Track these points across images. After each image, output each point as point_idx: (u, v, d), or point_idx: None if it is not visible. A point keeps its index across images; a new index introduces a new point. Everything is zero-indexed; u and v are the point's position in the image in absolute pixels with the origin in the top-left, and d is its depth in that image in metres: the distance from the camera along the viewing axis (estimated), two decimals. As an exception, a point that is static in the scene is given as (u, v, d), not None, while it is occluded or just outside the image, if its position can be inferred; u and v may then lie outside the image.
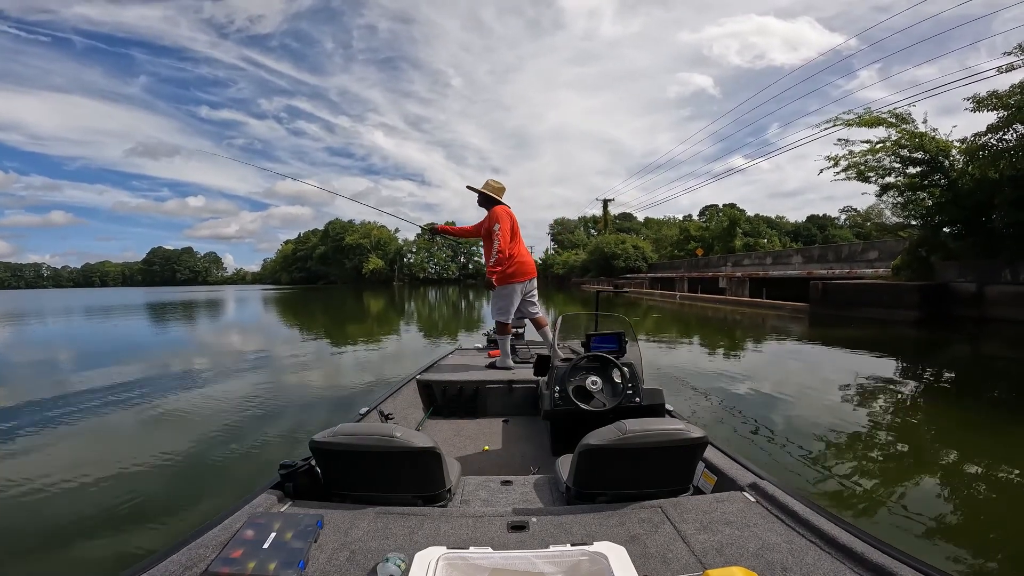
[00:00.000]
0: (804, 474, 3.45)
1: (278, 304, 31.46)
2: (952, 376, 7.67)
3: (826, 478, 3.36)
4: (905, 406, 5.63)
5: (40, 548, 2.74)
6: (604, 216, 65.19)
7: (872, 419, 4.99)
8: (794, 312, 18.26)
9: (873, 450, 4.10)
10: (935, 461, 3.92)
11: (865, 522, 2.64)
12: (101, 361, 9.66)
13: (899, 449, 4.22)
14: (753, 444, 4.15)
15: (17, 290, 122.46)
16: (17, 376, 8.48)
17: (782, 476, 3.14)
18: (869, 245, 22.28)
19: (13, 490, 3.48)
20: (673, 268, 41.25)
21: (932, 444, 4.43)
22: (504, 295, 4.29)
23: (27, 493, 3.44)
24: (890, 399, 5.91)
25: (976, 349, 10.76)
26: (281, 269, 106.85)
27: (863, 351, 9.50)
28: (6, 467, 3.97)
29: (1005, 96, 12.98)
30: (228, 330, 16.60)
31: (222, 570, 1.26)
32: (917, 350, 10.48)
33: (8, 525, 3.01)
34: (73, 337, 14.73)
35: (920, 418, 5.23)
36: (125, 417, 5.41)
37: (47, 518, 3.09)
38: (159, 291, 74.95)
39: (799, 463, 3.67)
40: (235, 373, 7.99)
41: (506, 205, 4.35)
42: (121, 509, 3.14)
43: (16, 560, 2.66)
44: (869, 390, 6.32)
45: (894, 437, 4.53)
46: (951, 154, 15.02)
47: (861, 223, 41.36)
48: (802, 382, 6.98)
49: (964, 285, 13.70)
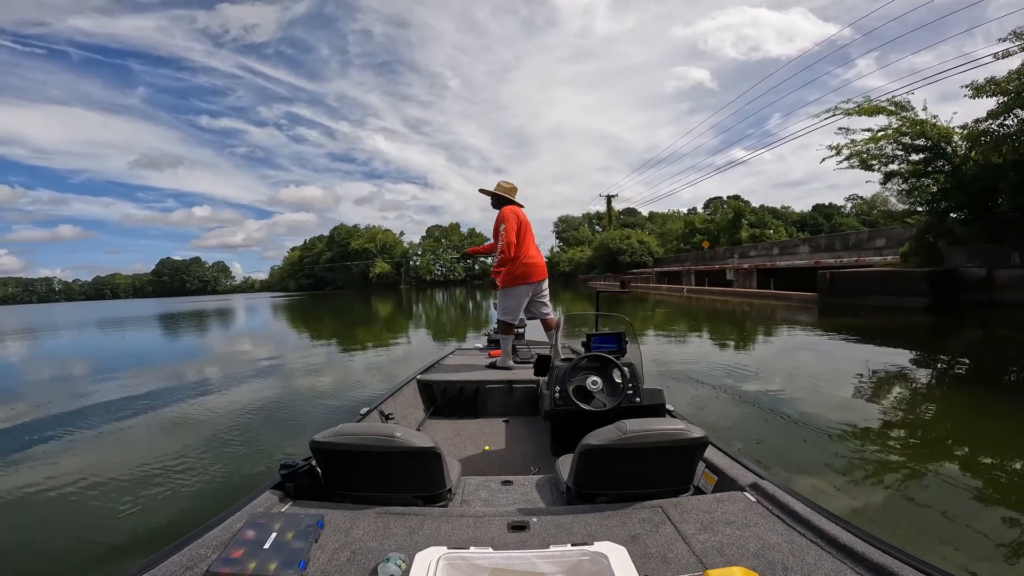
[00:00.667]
0: (807, 472, 3.37)
1: (287, 311, 31.66)
2: (965, 363, 7.54)
3: (828, 476, 3.28)
4: (915, 397, 5.53)
5: (41, 548, 2.80)
6: (608, 212, 64.99)
7: (881, 412, 4.88)
8: (802, 302, 18.16)
9: (879, 445, 3.97)
10: (944, 455, 3.78)
11: (867, 522, 2.61)
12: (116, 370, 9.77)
13: (907, 444, 4.09)
14: (758, 442, 4.07)
15: (30, 304, 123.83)
16: (36, 385, 8.62)
17: (784, 475, 3.13)
18: (876, 233, 22.10)
19: (15, 492, 3.57)
20: (679, 262, 41.09)
21: (942, 437, 4.29)
22: (511, 295, 4.25)
23: (28, 494, 3.53)
24: (900, 390, 5.82)
25: (988, 334, 10.64)
26: (289, 276, 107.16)
27: (873, 340, 9.41)
28: (13, 470, 4.08)
29: (1003, 82, 13.01)
30: (239, 338, 16.69)
31: (223, 570, 1.26)
32: (928, 337, 10.37)
33: (12, 525, 3.09)
34: (90, 348, 14.88)
35: (931, 409, 5.11)
36: (135, 422, 5.49)
37: (49, 519, 3.15)
38: (170, 302, 75.56)
39: (803, 460, 3.59)
40: (244, 378, 8.04)
41: (517, 205, 4.32)
42: (123, 509, 3.19)
43: (15, 561, 2.71)
44: (878, 381, 6.24)
45: (903, 432, 4.38)
46: (953, 140, 14.98)
47: (867, 211, 41.10)
48: (811, 373, 6.90)
49: (973, 270, 13.56)
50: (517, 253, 4.18)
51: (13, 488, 3.64)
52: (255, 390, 6.96)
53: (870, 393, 5.71)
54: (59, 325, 26.81)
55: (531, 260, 4.24)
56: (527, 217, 4.36)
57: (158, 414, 5.76)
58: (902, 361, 7.56)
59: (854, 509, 2.83)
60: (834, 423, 4.39)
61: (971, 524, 2.61)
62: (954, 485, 3.11)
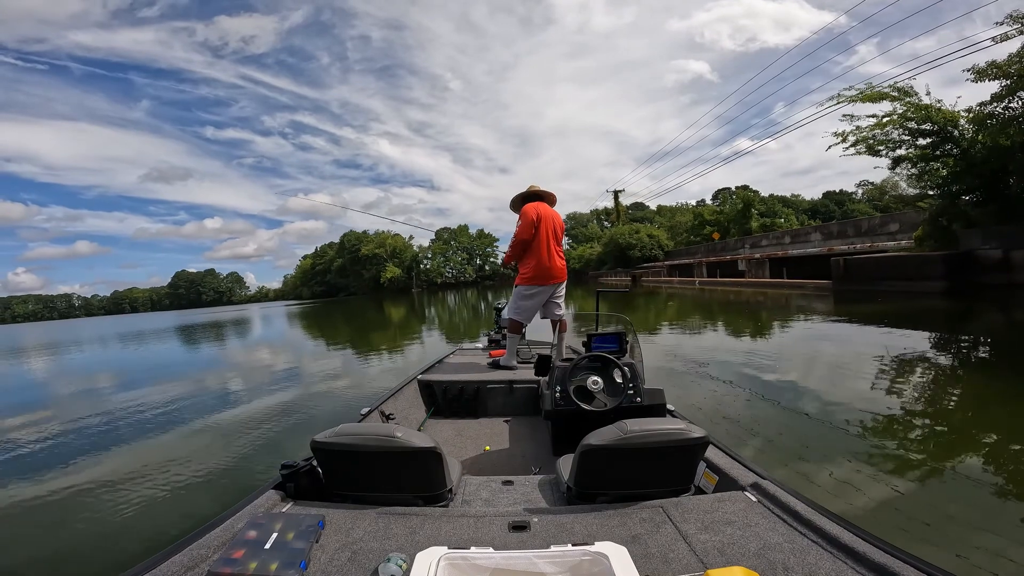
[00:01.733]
0: (812, 470, 3.28)
1: (301, 319, 31.86)
2: (988, 347, 7.31)
3: (847, 473, 3.19)
4: (940, 384, 5.33)
5: (43, 548, 2.87)
6: (616, 207, 64.62)
7: (906, 403, 4.70)
8: (817, 290, 17.96)
9: (902, 439, 3.83)
10: (954, 452, 3.57)
11: (883, 520, 2.56)
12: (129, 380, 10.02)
13: (933, 434, 3.96)
14: (772, 439, 3.94)
15: (51, 321, 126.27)
16: (48, 397, 8.88)
17: (786, 474, 3.07)
18: (889, 218, 21.84)
19: (22, 493, 3.70)
20: (690, 254, 40.83)
21: (970, 425, 4.08)
22: (523, 296, 4.16)
23: (31, 495, 3.65)
24: (918, 379, 5.63)
25: (1009, 316, 10.43)
26: (302, 284, 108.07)
27: (893, 325, 9.24)
28: (15, 471, 4.22)
29: (1004, 65, 13.00)
30: (252, 347, 16.84)
31: (224, 570, 1.26)
32: (949, 320, 10.20)
33: (16, 525, 3.20)
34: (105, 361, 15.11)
35: (959, 395, 4.88)
36: (141, 427, 5.65)
37: (52, 519, 3.26)
38: (187, 314, 76.63)
39: (824, 455, 3.49)
40: (249, 383, 8.22)
41: (539, 202, 4.17)
42: (125, 510, 3.28)
43: (18, 560, 2.77)
44: (899, 368, 6.08)
45: (929, 422, 4.20)
46: (959, 124, 14.87)
47: (879, 196, 40.49)
48: (830, 363, 6.79)
49: (989, 252, 13.35)
50: (536, 249, 4.06)
51: (20, 489, 3.77)
52: (259, 394, 7.10)
53: (890, 382, 5.53)
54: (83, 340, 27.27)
55: (544, 262, 4.08)
56: (553, 213, 4.20)
57: (164, 418, 5.92)
58: (923, 346, 7.39)
59: (872, 507, 2.75)
60: (854, 414, 4.28)
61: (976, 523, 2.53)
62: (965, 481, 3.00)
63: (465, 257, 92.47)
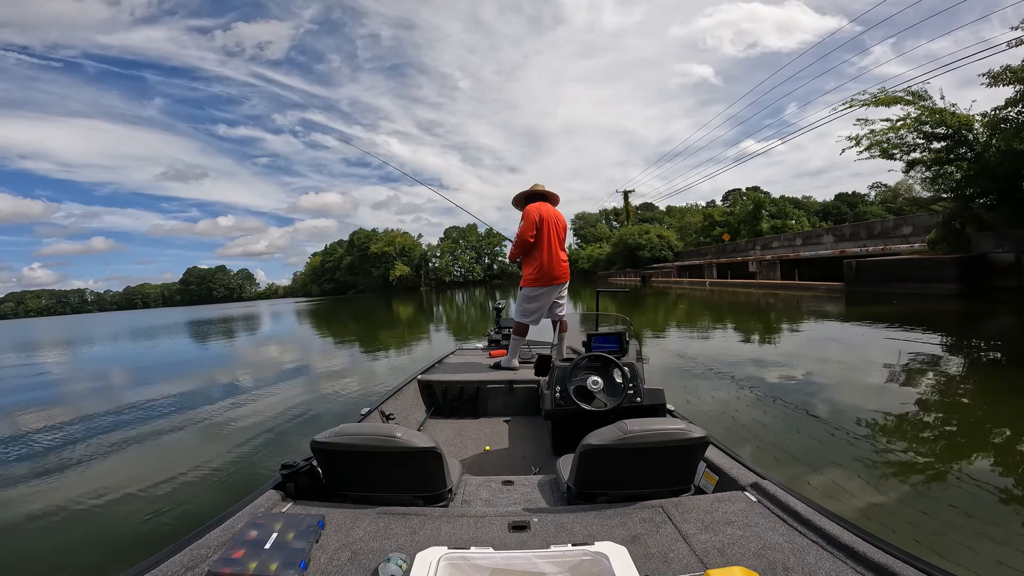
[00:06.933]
0: (814, 471, 3.25)
1: (310, 316, 32.08)
2: (1001, 350, 7.24)
3: (855, 475, 3.16)
4: (944, 389, 5.27)
5: (44, 547, 2.89)
6: (626, 207, 64.48)
7: (910, 405, 4.66)
8: (829, 292, 17.83)
9: (911, 442, 3.79)
10: (961, 454, 3.56)
11: (894, 522, 2.54)
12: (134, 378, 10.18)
13: (944, 436, 3.94)
14: (771, 442, 3.90)
15: (64, 316, 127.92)
16: (52, 394, 8.93)
17: (788, 474, 3.06)
18: (902, 220, 21.64)
19: (23, 492, 3.74)
20: (700, 255, 40.65)
21: (967, 433, 4.02)
22: (529, 298, 4.15)
23: (33, 496, 3.69)
24: (929, 381, 5.58)
25: (1021, 319, 10.32)
26: (311, 281, 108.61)
27: (903, 328, 9.16)
28: (17, 472, 4.26)
29: (1019, 70, 12.95)
30: (259, 343, 16.94)
31: (223, 570, 1.26)
32: (960, 323, 10.12)
33: (17, 525, 3.21)
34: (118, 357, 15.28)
35: (961, 402, 4.83)
36: (143, 426, 5.65)
37: (53, 519, 3.27)
38: (198, 310, 77.39)
39: (829, 457, 3.46)
40: (254, 381, 8.25)
41: (542, 203, 4.16)
42: (126, 509, 3.31)
43: (19, 559, 2.80)
44: (906, 372, 6.02)
45: (942, 425, 4.18)
46: (974, 128, 14.79)
47: (892, 198, 40.11)
48: (841, 364, 6.74)
49: (1002, 255, 13.28)
50: (539, 251, 4.06)
51: (20, 488, 3.82)
52: (261, 392, 7.12)
53: (901, 384, 5.51)
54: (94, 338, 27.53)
55: (548, 263, 4.07)
56: (556, 214, 4.19)
57: (165, 417, 5.95)
58: (935, 348, 7.29)
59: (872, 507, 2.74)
60: (863, 414, 4.26)
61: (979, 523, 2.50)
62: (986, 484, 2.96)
63: (473, 256, 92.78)
